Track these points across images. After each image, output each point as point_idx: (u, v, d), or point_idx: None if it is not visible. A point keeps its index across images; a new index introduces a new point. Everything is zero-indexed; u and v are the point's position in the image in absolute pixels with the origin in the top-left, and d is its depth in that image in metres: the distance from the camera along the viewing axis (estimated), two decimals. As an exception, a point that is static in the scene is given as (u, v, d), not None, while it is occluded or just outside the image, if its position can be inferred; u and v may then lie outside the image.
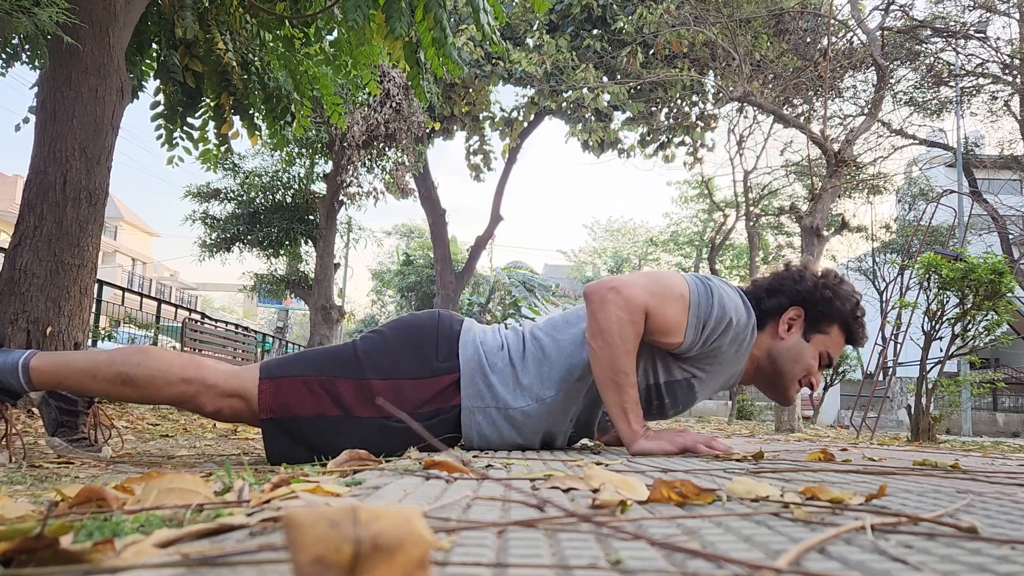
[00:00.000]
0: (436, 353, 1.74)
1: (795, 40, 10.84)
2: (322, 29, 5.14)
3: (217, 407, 1.68)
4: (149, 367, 1.65)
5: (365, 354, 1.72)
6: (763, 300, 1.91)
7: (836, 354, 1.94)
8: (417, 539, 0.37)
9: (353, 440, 1.64)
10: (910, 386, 5.21)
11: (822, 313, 1.88)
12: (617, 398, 1.67)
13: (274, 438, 1.68)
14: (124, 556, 0.50)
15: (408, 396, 1.69)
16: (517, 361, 1.77)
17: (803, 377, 1.91)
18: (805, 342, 1.89)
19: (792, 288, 1.89)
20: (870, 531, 0.60)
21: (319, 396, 1.67)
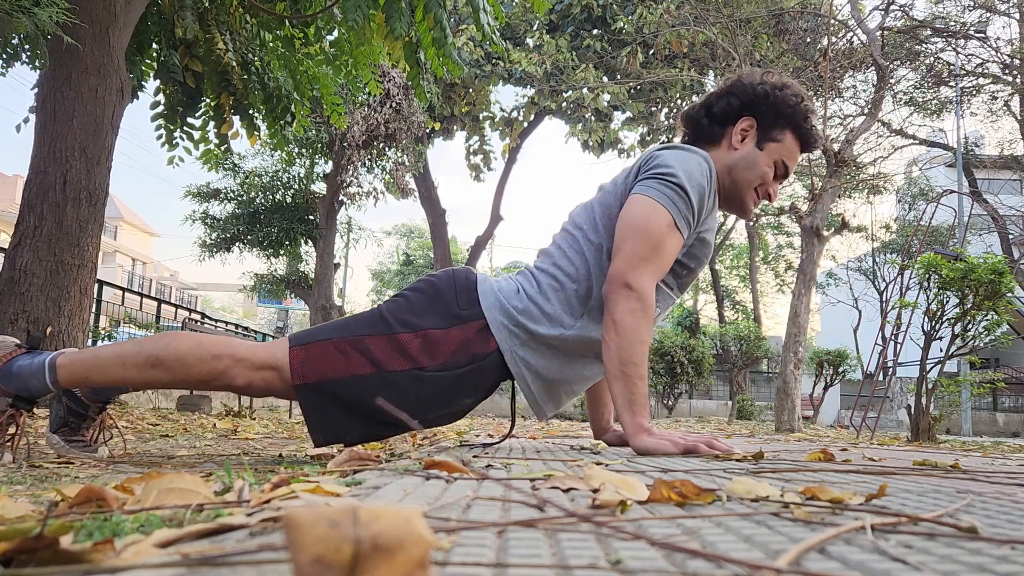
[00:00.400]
0: (457, 303, 1.75)
1: (795, 40, 10.84)
2: (322, 29, 5.14)
3: (248, 380, 1.68)
4: (178, 347, 1.66)
5: (389, 313, 1.73)
6: (713, 105, 1.93)
7: (791, 162, 1.95)
8: (417, 539, 0.37)
9: (389, 396, 1.64)
10: (910, 386, 5.21)
11: (772, 117, 1.89)
12: (625, 390, 1.67)
13: (311, 404, 1.67)
14: (124, 556, 0.50)
15: (438, 346, 1.69)
16: (536, 296, 1.79)
17: (759, 186, 1.92)
18: (759, 151, 1.90)
19: (743, 90, 1.91)
20: (870, 531, 0.60)
21: (350, 356, 1.67)
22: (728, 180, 1.91)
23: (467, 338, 1.71)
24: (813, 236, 8.12)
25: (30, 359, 1.69)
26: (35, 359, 1.69)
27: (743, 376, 15.13)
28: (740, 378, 14.68)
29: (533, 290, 1.81)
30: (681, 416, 13.97)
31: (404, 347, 1.67)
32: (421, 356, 1.67)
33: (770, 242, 28.67)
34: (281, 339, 1.74)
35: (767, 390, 20.65)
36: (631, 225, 1.72)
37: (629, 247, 1.71)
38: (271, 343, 1.73)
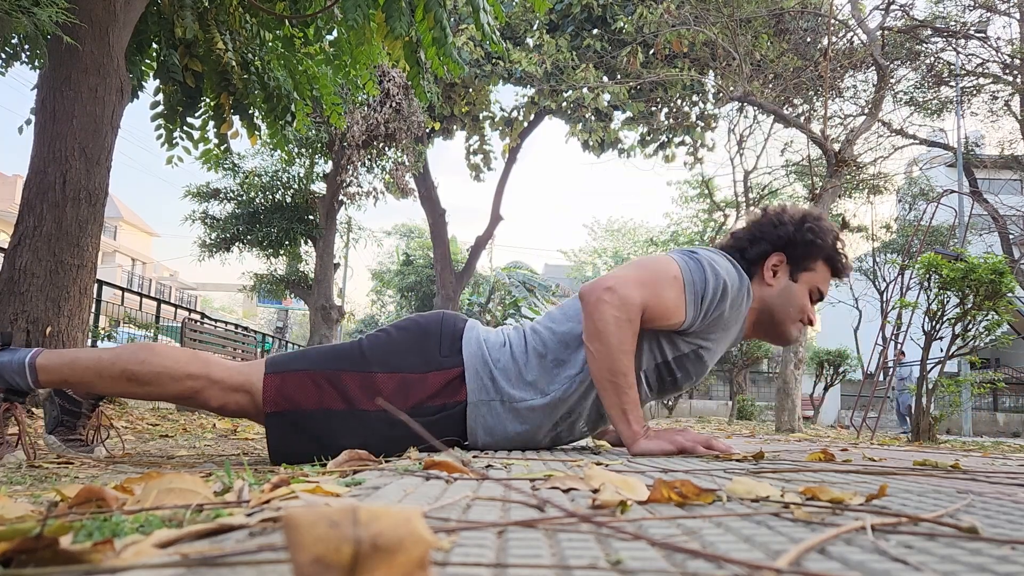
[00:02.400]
0: (439, 348, 1.74)
1: (795, 40, 10.83)
2: (322, 29, 5.14)
3: (222, 402, 1.69)
4: (154, 364, 1.66)
5: (369, 350, 1.73)
6: (746, 250, 1.94)
7: (825, 288, 1.97)
8: (417, 539, 0.37)
9: (357, 434, 1.64)
10: (910, 386, 5.20)
11: (803, 253, 1.90)
12: (616, 399, 1.66)
13: (277, 432, 1.68)
14: (124, 556, 0.50)
15: (413, 390, 1.69)
16: (520, 356, 1.78)
17: (800, 316, 1.94)
18: (793, 283, 1.92)
19: (773, 234, 1.91)
20: (870, 531, 0.60)
21: (324, 390, 1.67)
22: (767, 315, 1.92)
23: (442, 384, 1.71)
24: (813, 236, 8.11)
25: (9, 356, 1.69)
26: (15, 356, 1.69)
27: (743, 376, 15.13)
28: (740, 378, 14.68)
29: (519, 350, 1.79)
30: (681, 416, 13.97)
31: (378, 387, 1.67)
32: (394, 398, 1.67)
33: (770, 242, 28.59)
34: (258, 362, 1.74)
35: (767, 390, 20.65)
36: (637, 260, 1.73)
37: (624, 270, 1.71)
38: (247, 365, 1.72)
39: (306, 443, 1.66)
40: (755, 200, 21.40)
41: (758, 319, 1.93)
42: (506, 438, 1.78)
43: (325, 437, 1.66)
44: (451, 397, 1.72)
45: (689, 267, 1.73)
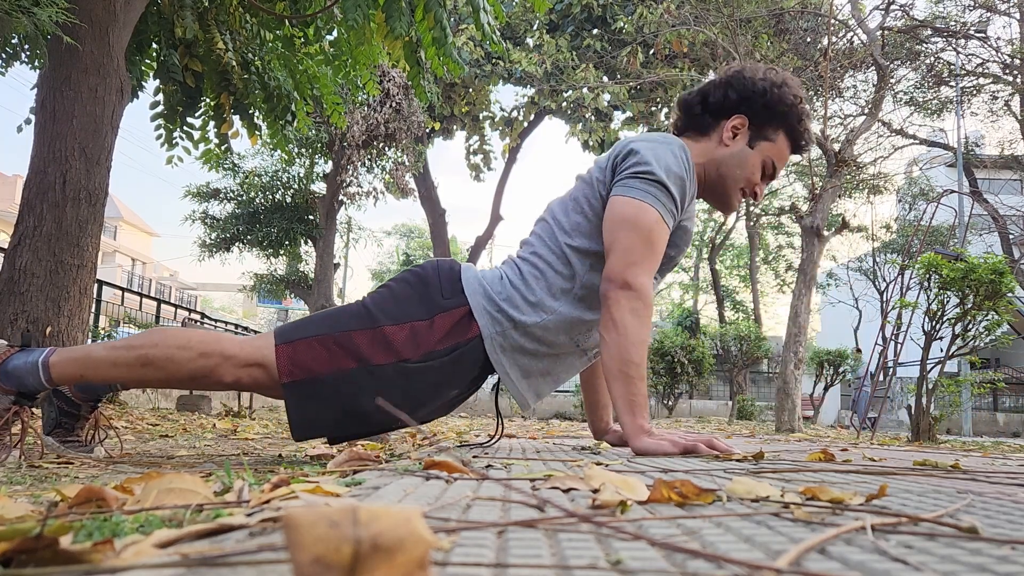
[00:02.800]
0: (441, 292, 1.75)
1: (795, 40, 10.84)
2: (322, 29, 5.14)
3: (236, 377, 1.69)
4: (168, 345, 1.66)
5: (374, 305, 1.73)
6: (709, 95, 1.91)
7: (780, 163, 1.93)
8: (417, 539, 0.37)
9: (375, 391, 1.64)
10: (910, 386, 5.21)
11: (767, 118, 1.88)
12: (625, 390, 1.67)
13: (296, 403, 1.67)
14: (124, 556, 0.50)
15: (422, 337, 1.69)
16: (519, 284, 1.80)
17: (745, 185, 1.92)
18: (749, 149, 1.89)
19: (739, 82, 1.89)
20: (870, 531, 0.60)
21: (335, 352, 1.67)
22: (715, 175, 1.91)
23: (451, 326, 1.72)
24: (813, 236, 8.12)
25: (25, 357, 1.70)
26: (29, 358, 1.69)
27: (743, 376, 15.14)
28: (740, 378, 14.68)
29: (516, 278, 1.81)
30: (681, 416, 13.97)
31: (389, 340, 1.67)
32: (406, 348, 1.67)
33: (770, 242, 28.66)
34: (267, 334, 1.74)
35: (767, 390, 20.65)
36: (621, 225, 1.72)
37: (622, 247, 1.71)
38: (258, 338, 1.73)
39: (326, 410, 1.66)
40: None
41: (705, 178, 1.91)
42: (535, 362, 1.79)
43: (344, 400, 1.65)
44: (462, 336, 1.72)
45: (658, 198, 1.73)
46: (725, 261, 31.28)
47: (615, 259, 1.70)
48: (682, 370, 12.33)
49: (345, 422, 1.69)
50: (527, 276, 1.81)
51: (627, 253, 1.70)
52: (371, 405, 1.65)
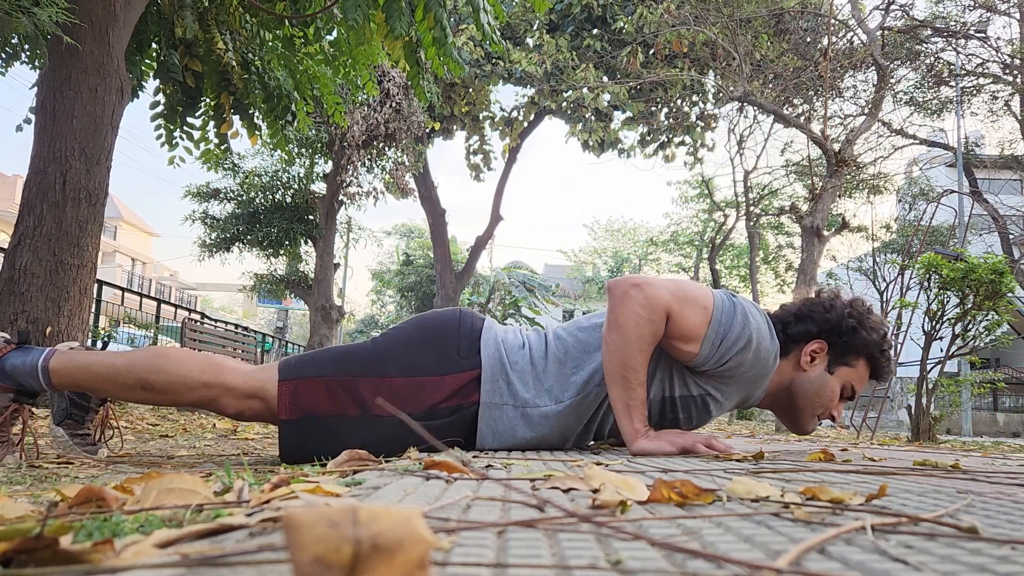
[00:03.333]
0: (458, 350, 1.73)
1: (795, 40, 10.84)
2: (322, 29, 5.14)
3: (238, 409, 1.69)
4: (169, 373, 1.66)
5: (387, 350, 1.71)
6: (789, 325, 1.86)
7: (860, 388, 1.90)
8: (417, 539, 0.37)
9: (368, 438, 1.63)
10: (910, 386, 5.21)
11: (848, 345, 1.84)
12: (623, 394, 1.66)
13: (291, 439, 1.67)
14: (124, 556, 0.50)
15: (428, 393, 1.68)
16: (538, 361, 1.76)
17: (822, 411, 1.88)
18: (828, 375, 1.85)
19: (821, 316, 1.85)
20: (870, 531, 0.60)
21: (339, 396, 1.66)
22: (787, 396, 1.87)
23: (459, 386, 1.70)
24: (813, 236, 8.12)
25: (23, 357, 1.69)
26: (27, 357, 1.69)
27: (743, 376, 15.10)
28: (740, 378, 14.64)
29: (539, 355, 1.77)
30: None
31: (395, 391, 1.66)
32: (410, 401, 1.66)
33: (770, 242, 28.65)
34: (270, 366, 1.73)
35: (767, 390, 20.61)
36: (675, 278, 1.72)
37: (657, 279, 1.69)
38: (260, 370, 1.71)
39: (318, 444, 1.66)
40: (755, 200, 21.39)
41: (778, 398, 1.88)
42: (514, 442, 1.77)
43: (338, 439, 1.65)
44: (465, 399, 1.71)
45: (722, 305, 1.69)
46: (725, 261, 31.26)
47: (635, 275, 1.70)
48: (682, 370, 12.31)
49: (335, 454, 1.69)
50: (551, 357, 1.76)
51: (654, 278, 1.69)
52: (364, 446, 1.63)
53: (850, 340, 1.84)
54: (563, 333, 1.83)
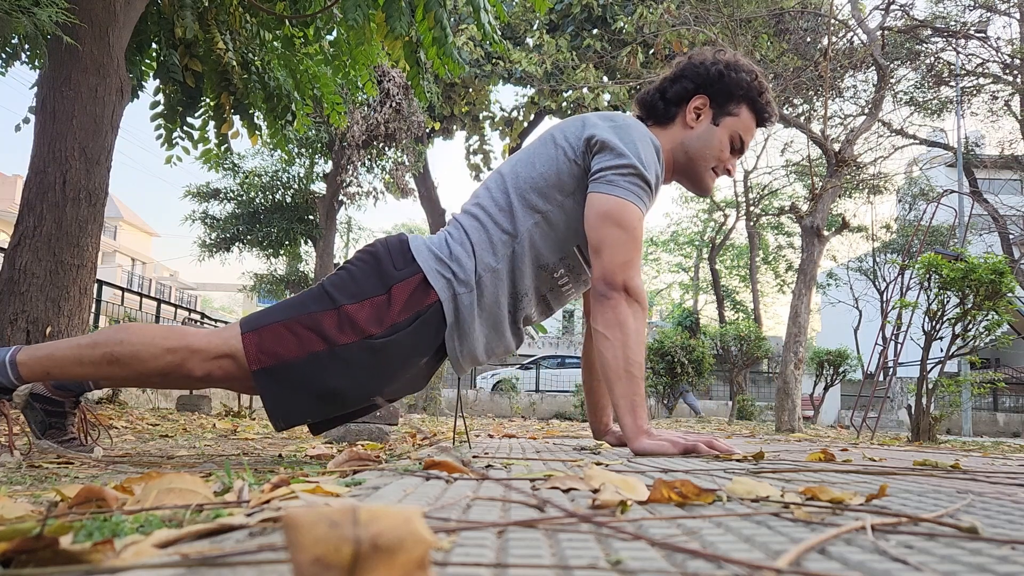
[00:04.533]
0: (393, 264, 1.75)
1: (795, 40, 10.84)
2: (322, 29, 5.14)
3: (206, 371, 1.69)
4: (132, 343, 1.66)
5: (333, 286, 1.74)
6: (667, 90, 1.94)
7: (748, 136, 1.95)
8: (417, 539, 0.37)
9: (343, 372, 1.65)
10: (910, 386, 5.21)
11: (725, 92, 1.90)
12: (628, 390, 1.67)
13: (269, 390, 1.68)
14: (124, 556, 0.50)
15: (383, 311, 1.70)
16: (461, 239, 1.80)
17: (716, 164, 1.94)
18: (715, 127, 1.91)
19: (693, 72, 1.92)
20: (870, 531, 0.60)
21: (301, 335, 1.67)
22: (684, 157, 1.93)
23: (408, 295, 1.72)
24: (813, 236, 8.12)
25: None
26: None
27: (743, 376, 15.14)
28: (740, 378, 14.68)
29: (458, 234, 1.82)
30: (681, 416, 13.97)
31: (352, 318, 1.67)
32: (369, 325, 1.67)
33: (770, 242, 28.67)
34: (232, 324, 1.74)
35: (767, 390, 20.66)
36: (607, 223, 1.72)
37: (612, 246, 1.72)
38: (223, 330, 1.73)
39: (299, 395, 1.67)
40: (755, 200, 21.41)
41: (676, 163, 1.94)
42: (482, 321, 1.79)
43: (315, 383, 1.66)
44: (421, 303, 1.73)
45: (640, 196, 1.75)
46: (725, 261, 31.29)
47: (608, 259, 1.71)
48: (682, 370, 12.32)
49: (320, 405, 1.70)
50: (468, 229, 1.81)
51: (618, 253, 1.71)
52: (342, 385, 1.66)
53: (725, 86, 1.89)
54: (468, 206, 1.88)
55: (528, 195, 1.80)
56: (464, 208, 1.90)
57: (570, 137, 1.82)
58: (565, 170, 1.79)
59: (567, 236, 1.82)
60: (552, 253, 1.82)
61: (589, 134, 1.79)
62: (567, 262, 1.85)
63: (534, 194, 1.80)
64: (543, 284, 1.86)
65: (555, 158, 1.81)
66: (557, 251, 1.82)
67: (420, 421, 6.10)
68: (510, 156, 1.94)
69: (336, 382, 1.65)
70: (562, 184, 1.79)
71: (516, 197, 1.81)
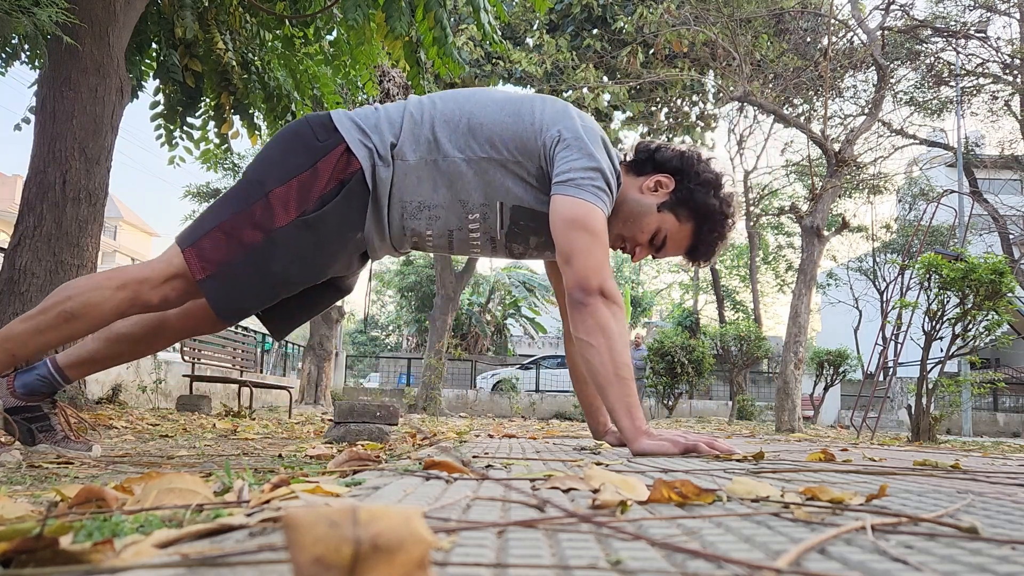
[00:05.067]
0: (316, 138, 1.74)
1: (795, 40, 10.84)
2: (322, 29, 5.14)
3: (162, 295, 1.71)
4: (81, 294, 1.69)
5: (258, 173, 1.74)
6: (661, 150, 1.91)
7: (671, 247, 1.91)
8: (417, 539, 0.37)
9: (284, 255, 1.67)
10: (910, 386, 5.21)
11: (689, 197, 1.85)
12: (621, 393, 1.67)
13: (218, 293, 1.70)
14: (124, 556, 0.50)
15: (311, 186, 1.70)
16: (392, 119, 1.79)
17: (629, 238, 1.91)
18: (655, 210, 1.87)
19: (689, 163, 1.88)
20: (870, 531, 0.60)
21: (238, 233, 1.68)
22: (616, 209, 1.87)
23: (333, 166, 1.71)
24: (813, 236, 8.12)
25: None
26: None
27: (743, 376, 15.14)
28: (740, 378, 14.68)
29: (395, 115, 1.80)
30: (681, 416, 13.97)
31: (283, 200, 1.68)
32: (300, 203, 1.68)
33: (770, 242, 28.66)
34: (170, 246, 1.76)
35: (767, 390, 20.66)
36: (575, 227, 1.70)
37: (583, 252, 1.71)
38: (163, 254, 1.75)
39: (246, 288, 1.70)
40: (755, 200, 21.40)
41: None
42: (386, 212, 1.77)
43: (260, 272, 1.69)
44: (345, 172, 1.72)
45: (603, 199, 1.74)
46: (725, 261, 31.27)
47: (580, 264, 1.70)
48: (682, 370, 12.31)
49: (269, 291, 1.72)
50: (405, 117, 1.78)
51: (590, 257, 1.70)
52: (285, 267, 1.68)
53: (695, 194, 1.85)
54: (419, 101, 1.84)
55: (479, 132, 1.77)
56: (420, 100, 1.86)
57: (547, 118, 1.79)
58: (529, 139, 1.76)
59: (498, 190, 1.78)
60: (475, 192, 1.78)
61: (563, 127, 1.76)
62: (486, 211, 1.81)
63: (482, 138, 1.77)
64: (452, 215, 1.81)
65: (524, 124, 1.78)
66: (481, 194, 1.78)
67: (420, 421, 6.10)
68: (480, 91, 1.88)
69: (279, 266, 1.68)
70: (521, 146, 1.76)
71: (466, 127, 1.77)
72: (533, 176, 1.79)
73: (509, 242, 1.89)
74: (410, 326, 29.79)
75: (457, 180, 1.77)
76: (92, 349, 1.91)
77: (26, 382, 1.84)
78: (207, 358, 6.79)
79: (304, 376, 12.90)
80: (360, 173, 1.73)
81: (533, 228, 1.85)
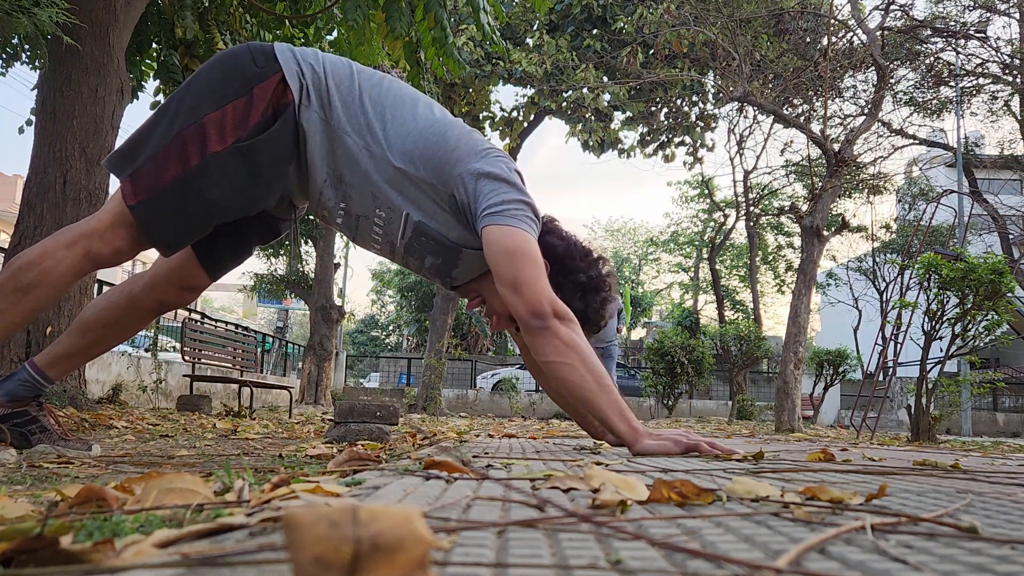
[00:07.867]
0: (255, 63, 1.70)
1: (795, 40, 10.84)
2: (322, 29, 5.14)
3: (114, 247, 1.69)
4: (31, 263, 1.67)
5: (192, 96, 1.69)
6: (552, 233, 1.95)
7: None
8: (417, 539, 0.37)
9: (222, 180, 1.64)
10: (910, 386, 5.21)
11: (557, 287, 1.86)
12: (609, 400, 1.68)
13: (149, 218, 1.66)
14: (124, 556, 0.50)
15: (246, 112, 1.66)
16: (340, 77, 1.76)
17: (500, 307, 1.92)
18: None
19: (573, 251, 1.94)
20: (870, 531, 0.60)
21: (172, 159, 1.64)
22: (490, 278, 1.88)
23: (269, 94, 1.68)
24: (813, 236, 8.12)
25: None
26: None
27: (743, 376, 15.14)
28: (740, 378, 14.68)
29: (343, 70, 1.77)
30: (681, 416, 13.97)
31: (218, 125, 1.64)
32: (236, 129, 1.64)
33: (770, 242, 28.67)
34: (112, 195, 1.73)
35: (767, 390, 20.66)
36: (515, 257, 1.71)
37: (528, 280, 1.71)
38: (107, 202, 1.73)
39: (178, 214, 1.66)
40: (755, 200, 21.40)
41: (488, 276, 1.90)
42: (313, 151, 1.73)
43: (192, 199, 1.65)
44: (279, 101, 1.69)
45: (530, 225, 1.76)
46: (725, 261, 31.28)
47: (530, 293, 1.70)
48: (682, 370, 12.31)
49: (199, 218, 1.68)
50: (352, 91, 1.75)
51: (536, 284, 1.71)
52: (219, 194, 1.64)
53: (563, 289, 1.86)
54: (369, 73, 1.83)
55: (401, 142, 1.74)
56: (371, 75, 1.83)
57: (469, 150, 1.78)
58: (445, 164, 1.75)
59: (407, 202, 1.77)
60: (386, 193, 1.76)
61: (487, 162, 1.76)
62: (391, 216, 1.79)
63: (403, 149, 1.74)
64: (364, 203, 1.78)
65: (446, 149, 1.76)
66: (389, 198, 1.76)
67: (420, 421, 6.10)
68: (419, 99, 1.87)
69: (213, 193, 1.64)
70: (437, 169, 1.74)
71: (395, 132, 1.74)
72: (445, 201, 1.78)
73: (407, 254, 1.87)
74: (410, 326, 29.80)
75: (375, 173, 1.75)
76: (67, 343, 1.89)
77: (9, 389, 1.82)
78: (207, 358, 6.79)
79: (304, 376, 12.90)
80: (294, 106, 1.70)
81: (431, 249, 1.84)
